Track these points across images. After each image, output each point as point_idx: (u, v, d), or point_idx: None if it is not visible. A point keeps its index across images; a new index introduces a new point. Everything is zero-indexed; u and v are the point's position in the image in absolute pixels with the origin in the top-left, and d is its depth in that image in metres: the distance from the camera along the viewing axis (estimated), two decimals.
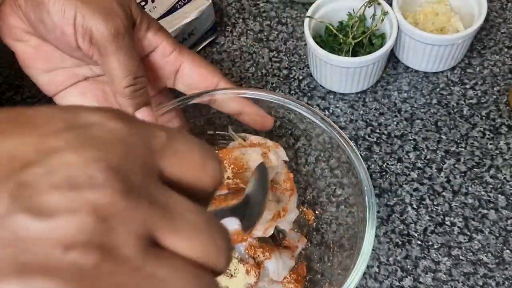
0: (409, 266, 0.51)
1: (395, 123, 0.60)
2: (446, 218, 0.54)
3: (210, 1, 0.62)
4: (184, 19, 0.61)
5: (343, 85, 0.61)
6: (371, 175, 0.57)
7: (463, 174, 0.56)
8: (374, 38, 0.61)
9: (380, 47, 0.58)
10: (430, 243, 0.53)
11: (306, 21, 0.59)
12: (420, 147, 0.58)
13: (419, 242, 0.53)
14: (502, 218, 0.54)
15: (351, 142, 0.44)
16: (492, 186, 0.55)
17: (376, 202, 0.55)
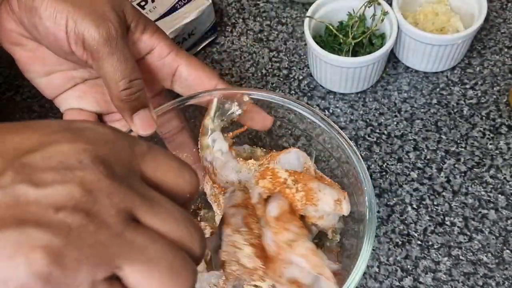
0: (409, 266, 0.51)
1: (395, 123, 0.60)
2: (446, 218, 0.54)
3: (210, 1, 0.62)
4: (184, 19, 0.61)
5: (343, 85, 0.61)
6: (371, 175, 0.57)
7: (463, 174, 0.56)
8: (374, 38, 0.61)
9: (380, 47, 0.58)
10: (430, 243, 0.53)
11: (306, 21, 0.59)
12: (420, 147, 0.58)
13: (419, 242, 0.53)
14: (502, 218, 0.54)
15: (351, 142, 0.44)
16: (492, 186, 0.55)
17: (376, 202, 0.55)
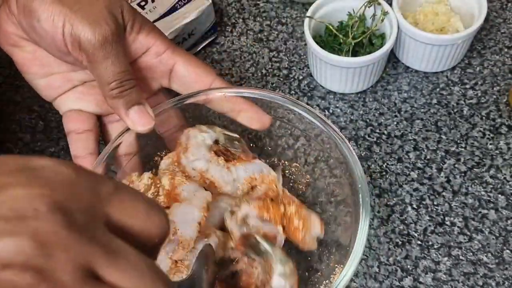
0: (409, 266, 0.51)
1: (395, 123, 0.60)
2: (446, 218, 0.54)
3: (210, 1, 0.62)
4: (184, 19, 0.61)
5: (343, 85, 0.61)
6: (371, 175, 0.57)
7: (463, 174, 0.56)
8: (374, 38, 0.61)
9: (380, 47, 0.58)
10: (430, 243, 0.53)
11: (306, 21, 0.59)
12: (420, 147, 0.58)
13: (419, 242, 0.53)
14: (502, 218, 0.53)
15: (348, 142, 0.45)
16: (492, 186, 0.55)
17: (376, 202, 0.55)
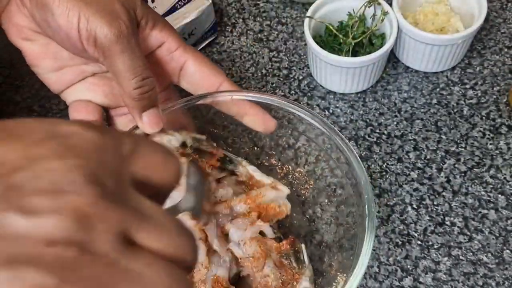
0: (409, 266, 0.52)
1: (395, 123, 0.60)
2: (446, 218, 0.54)
3: (210, 1, 0.62)
4: (184, 19, 0.61)
5: (343, 85, 0.61)
6: (371, 175, 0.57)
7: (463, 174, 0.56)
8: (374, 38, 0.61)
9: (380, 47, 0.58)
10: (430, 243, 0.53)
11: (306, 21, 0.59)
12: (420, 147, 0.58)
13: (419, 242, 0.53)
14: (502, 218, 0.54)
15: (349, 144, 0.45)
16: (492, 186, 0.55)
17: (376, 202, 0.55)
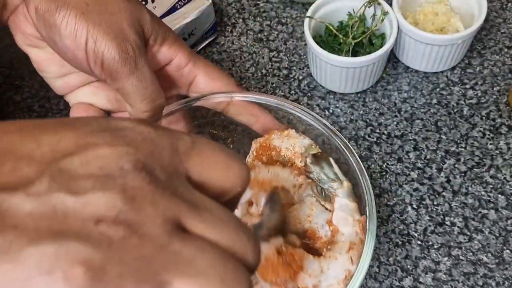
0: (409, 266, 0.52)
1: (395, 123, 0.60)
2: (446, 218, 0.54)
3: (210, 1, 0.62)
4: (184, 19, 0.61)
5: (343, 85, 0.61)
6: (371, 175, 0.57)
7: (463, 174, 0.56)
8: (374, 38, 0.61)
9: (380, 47, 0.58)
10: (430, 243, 0.53)
11: (306, 21, 0.59)
12: (420, 147, 0.58)
13: (419, 242, 0.53)
14: (502, 218, 0.54)
15: (349, 144, 0.45)
16: (492, 186, 0.55)
17: (376, 202, 0.55)
